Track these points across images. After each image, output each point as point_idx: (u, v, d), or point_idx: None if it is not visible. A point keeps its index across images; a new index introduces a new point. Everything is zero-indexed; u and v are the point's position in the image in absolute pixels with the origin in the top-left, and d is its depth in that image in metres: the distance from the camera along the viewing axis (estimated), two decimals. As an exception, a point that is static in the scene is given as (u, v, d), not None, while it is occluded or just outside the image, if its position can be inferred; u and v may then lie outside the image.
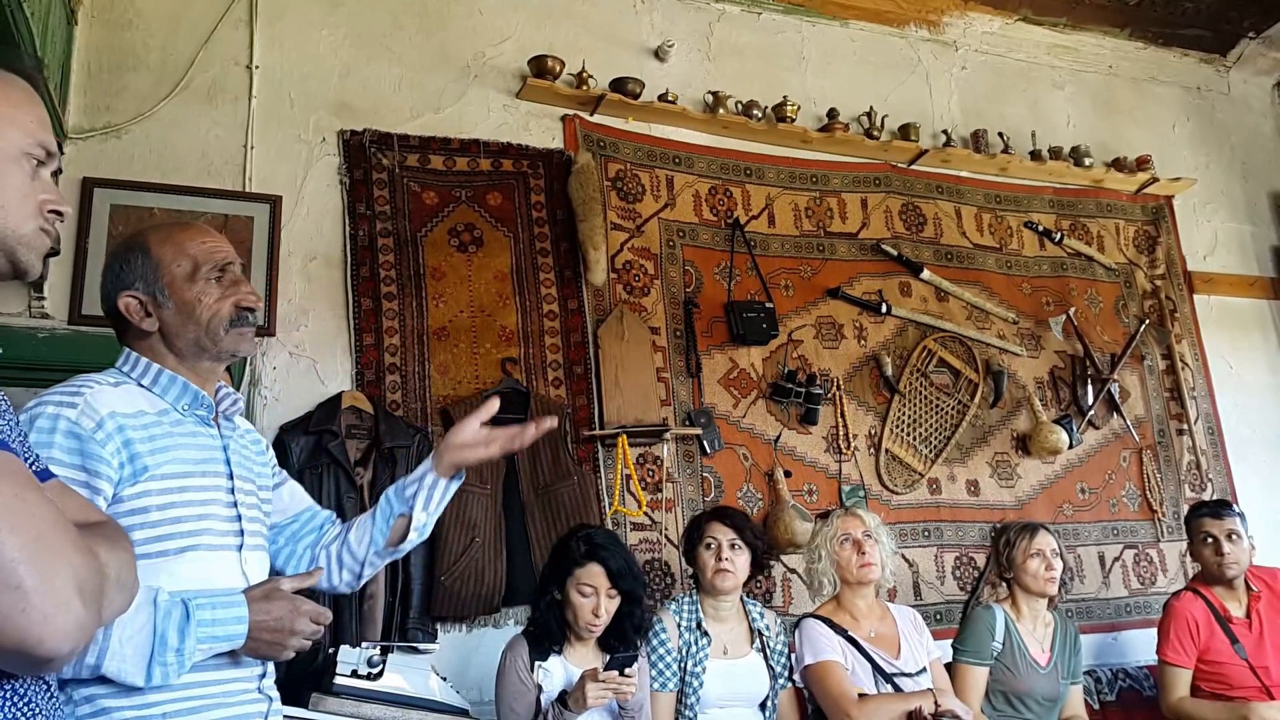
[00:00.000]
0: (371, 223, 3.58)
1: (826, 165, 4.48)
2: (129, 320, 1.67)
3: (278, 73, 3.65)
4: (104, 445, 1.50)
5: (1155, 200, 5.18)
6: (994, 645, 3.27)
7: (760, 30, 4.60)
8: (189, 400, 1.67)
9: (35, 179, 1.20)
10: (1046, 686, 3.30)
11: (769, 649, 3.04)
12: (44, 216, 1.20)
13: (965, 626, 3.34)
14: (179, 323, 1.67)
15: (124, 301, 1.66)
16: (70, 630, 0.97)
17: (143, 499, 1.53)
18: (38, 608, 0.94)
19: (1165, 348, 4.91)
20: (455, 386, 3.52)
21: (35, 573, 0.93)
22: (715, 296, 4.04)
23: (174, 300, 1.67)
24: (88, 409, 1.52)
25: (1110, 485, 4.57)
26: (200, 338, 1.68)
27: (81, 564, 1.01)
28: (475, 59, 3.97)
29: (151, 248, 1.70)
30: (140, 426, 1.57)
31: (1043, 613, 3.42)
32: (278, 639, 1.57)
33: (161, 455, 1.57)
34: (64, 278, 3.18)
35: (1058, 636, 3.41)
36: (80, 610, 0.98)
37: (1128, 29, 5.33)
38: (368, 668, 2.57)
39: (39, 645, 0.94)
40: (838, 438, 4.10)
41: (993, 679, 3.26)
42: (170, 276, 1.67)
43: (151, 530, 1.53)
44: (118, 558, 1.17)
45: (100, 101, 3.39)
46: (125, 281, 1.68)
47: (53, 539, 0.98)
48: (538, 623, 2.75)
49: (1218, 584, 3.57)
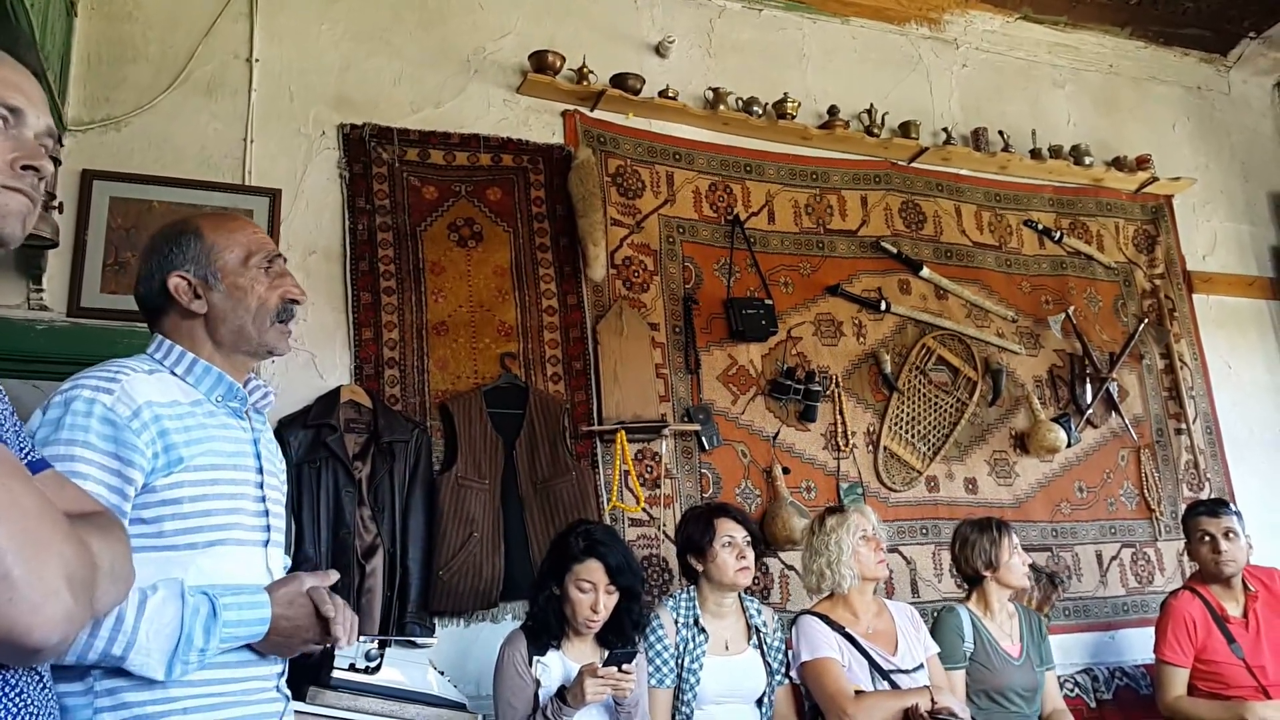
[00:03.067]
0: (371, 217, 3.58)
1: (826, 162, 4.47)
2: (175, 301, 1.65)
3: (278, 66, 3.64)
4: (139, 434, 1.49)
5: (1155, 199, 5.18)
6: (965, 646, 3.28)
7: (761, 27, 4.60)
8: (223, 391, 1.66)
9: (2, 138, 1.14)
10: (1023, 678, 3.32)
11: (766, 645, 3.05)
12: (11, 174, 1.13)
13: (933, 633, 3.32)
14: (228, 308, 1.67)
15: (173, 281, 1.65)
16: (59, 620, 0.96)
17: (176, 490, 1.52)
18: (26, 598, 0.93)
19: (1164, 347, 4.91)
20: (454, 381, 3.52)
21: (23, 562, 0.93)
22: (715, 293, 4.04)
23: (225, 284, 1.67)
24: (124, 396, 1.50)
25: (1108, 484, 4.57)
26: (246, 326, 1.68)
27: (71, 554, 1.00)
28: (476, 54, 3.96)
29: (204, 231, 1.70)
30: (175, 416, 1.55)
31: (1007, 605, 3.45)
32: (289, 641, 1.57)
33: (196, 446, 1.56)
34: (63, 270, 3.17)
35: (1023, 626, 3.43)
36: (69, 600, 0.97)
37: (1128, 28, 5.33)
38: (365, 662, 2.58)
39: (27, 635, 0.94)
40: (836, 435, 4.10)
41: (971, 679, 3.27)
42: (223, 261, 1.68)
43: (182, 522, 1.52)
44: (111, 549, 1.16)
45: (100, 94, 3.38)
46: (174, 263, 1.67)
47: (41, 529, 0.97)
48: (536, 618, 2.76)
49: (1215, 583, 3.58)
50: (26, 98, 1.18)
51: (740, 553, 2.99)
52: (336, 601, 1.59)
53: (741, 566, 2.98)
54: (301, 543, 3.02)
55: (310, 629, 1.56)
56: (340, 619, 1.57)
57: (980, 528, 3.46)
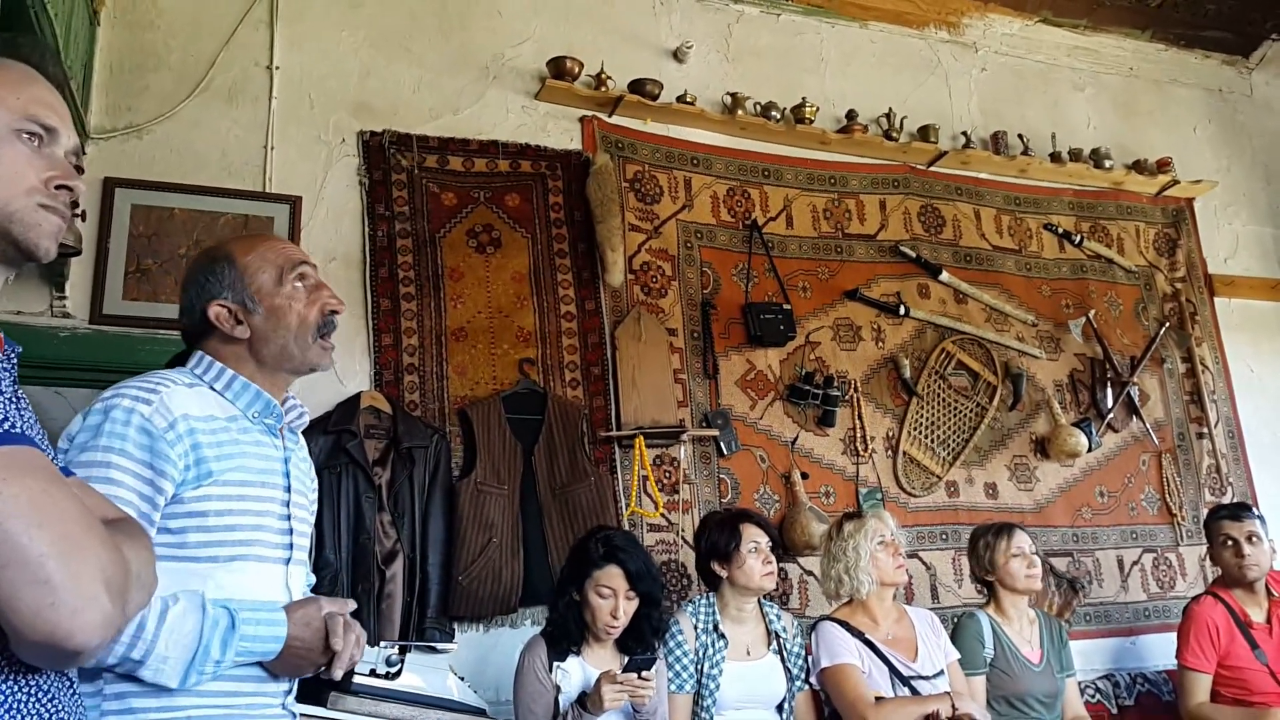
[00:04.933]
0: (390, 223, 3.59)
1: (845, 167, 4.46)
2: (218, 329, 1.67)
3: (298, 73, 3.67)
4: (174, 446, 1.51)
5: (1176, 203, 5.15)
6: (985, 652, 3.26)
7: (779, 31, 4.59)
8: (260, 408, 1.67)
9: (37, 156, 1.16)
10: (1044, 684, 3.29)
11: (786, 651, 3.04)
12: (46, 193, 1.15)
13: (953, 639, 3.31)
14: (270, 329, 1.68)
15: (214, 310, 1.67)
16: (98, 624, 0.98)
17: (203, 503, 1.53)
18: (67, 602, 0.95)
19: (1185, 351, 4.88)
20: (473, 387, 3.53)
21: (64, 568, 0.95)
22: (733, 298, 4.04)
23: (264, 307, 1.68)
24: (162, 407, 1.52)
25: (1129, 489, 4.55)
26: (288, 344, 1.69)
27: (108, 559, 1.02)
28: (494, 60, 3.98)
29: (236, 256, 1.71)
30: (210, 431, 1.57)
31: (1026, 610, 3.42)
32: (299, 663, 1.58)
33: (227, 462, 1.57)
34: (85, 277, 3.20)
35: (1044, 632, 3.41)
36: (107, 604, 1.00)
37: (1149, 31, 5.30)
38: (386, 667, 2.57)
39: (69, 639, 0.96)
40: (855, 440, 4.08)
41: (991, 684, 3.25)
42: (258, 284, 1.69)
43: (206, 535, 1.53)
44: (139, 555, 1.17)
45: (122, 102, 3.41)
46: (212, 291, 1.68)
47: (80, 534, 0.99)
48: (556, 623, 2.75)
49: (1238, 588, 3.55)
50: (60, 117, 1.20)
51: (766, 558, 2.99)
52: (349, 636, 1.59)
53: (767, 571, 2.98)
54: (322, 548, 3.04)
55: (318, 653, 1.57)
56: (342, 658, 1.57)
57: (985, 532, 3.47)
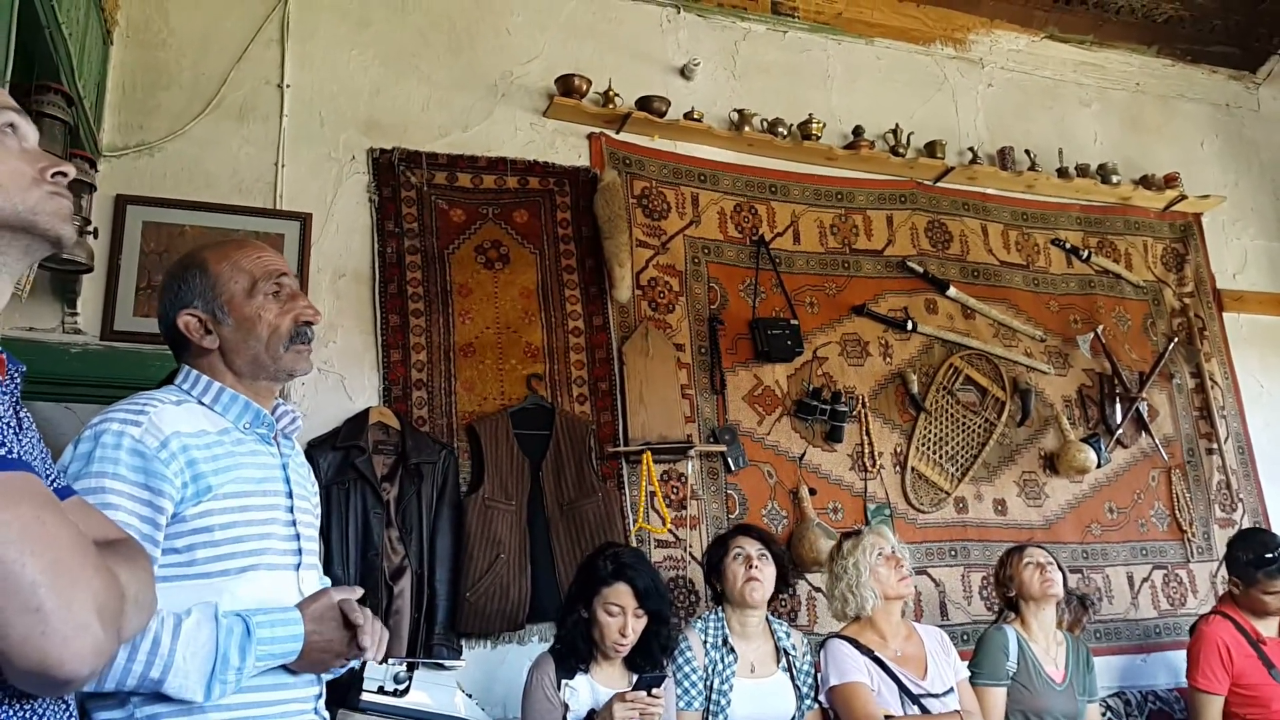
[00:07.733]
0: (400, 240, 3.61)
1: (852, 183, 4.47)
2: (188, 338, 1.66)
3: (308, 91, 3.69)
4: (168, 465, 1.50)
5: (1184, 218, 5.15)
6: (1009, 665, 3.26)
7: (786, 48, 4.61)
8: (250, 418, 1.66)
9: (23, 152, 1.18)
10: (1064, 704, 3.29)
11: (795, 668, 3.02)
12: (49, 182, 1.18)
13: (979, 649, 3.33)
14: (239, 340, 1.66)
15: (183, 320, 1.66)
16: (88, 653, 0.98)
17: (206, 518, 1.53)
18: (57, 630, 0.95)
19: (1194, 366, 4.87)
20: (481, 403, 3.53)
21: (55, 595, 0.95)
22: (740, 313, 4.04)
23: (233, 317, 1.66)
24: (151, 428, 1.52)
25: (1139, 505, 4.53)
26: (260, 355, 1.67)
27: (101, 586, 1.01)
28: (503, 78, 4.00)
29: (209, 265, 1.69)
30: (203, 446, 1.56)
31: (1053, 630, 3.42)
32: (324, 658, 1.58)
33: (224, 475, 1.57)
34: (97, 293, 3.22)
35: (1070, 654, 3.41)
36: (99, 633, 0.99)
37: (1155, 46, 5.31)
38: (394, 684, 2.58)
39: (59, 667, 0.96)
40: (863, 456, 4.08)
41: (1011, 699, 3.25)
42: (229, 294, 1.67)
43: (214, 549, 1.53)
44: (137, 577, 1.18)
45: (134, 120, 3.43)
46: (184, 300, 1.67)
47: (73, 561, 0.99)
48: (564, 641, 2.75)
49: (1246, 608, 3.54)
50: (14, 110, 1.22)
51: (750, 563, 2.96)
52: (365, 613, 1.59)
53: (750, 578, 2.95)
54: (330, 564, 3.04)
55: (340, 642, 1.57)
56: (369, 629, 1.58)
57: (1004, 555, 3.53)
